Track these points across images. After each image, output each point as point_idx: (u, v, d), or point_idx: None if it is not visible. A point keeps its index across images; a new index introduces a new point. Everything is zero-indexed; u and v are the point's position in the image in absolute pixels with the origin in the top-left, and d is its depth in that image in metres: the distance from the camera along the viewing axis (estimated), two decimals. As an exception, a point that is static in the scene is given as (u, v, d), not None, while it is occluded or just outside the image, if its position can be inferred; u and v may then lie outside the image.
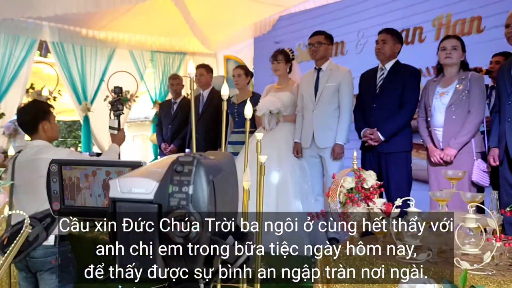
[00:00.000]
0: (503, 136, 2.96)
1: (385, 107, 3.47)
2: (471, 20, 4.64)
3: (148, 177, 0.39)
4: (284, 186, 3.90)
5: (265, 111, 3.96)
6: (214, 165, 0.41)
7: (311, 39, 3.85)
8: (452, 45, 3.15)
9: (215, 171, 0.41)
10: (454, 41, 3.17)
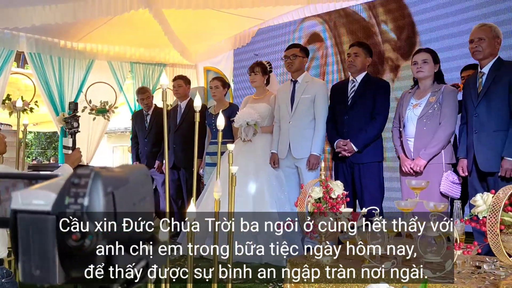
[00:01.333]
0: (471, 147, 3.05)
1: (357, 119, 3.55)
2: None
3: (49, 189, 0.41)
4: (261, 196, 3.94)
5: (242, 122, 4.01)
6: (117, 177, 0.44)
7: (287, 51, 3.93)
8: (423, 59, 3.24)
9: (117, 183, 0.43)
10: (424, 54, 3.26)
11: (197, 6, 5.03)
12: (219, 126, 2.41)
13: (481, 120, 2.99)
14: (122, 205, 0.43)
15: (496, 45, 3.01)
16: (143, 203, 0.47)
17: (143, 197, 0.46)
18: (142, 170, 0.48)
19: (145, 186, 0.48)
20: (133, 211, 0.44)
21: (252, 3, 5.13)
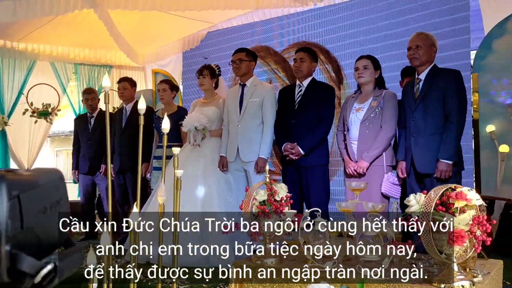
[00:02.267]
0: (409, 150, 3.19)
1: (304, 123, 3.62)
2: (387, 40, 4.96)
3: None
4: (209, 199, 3.93)
5: (190, 127, 3.99)
6: (24, 180, 0.43)
7: (233, 56, 3.95)
8: (363, 65, 3.37)
9: (24, 186, 0.43)
10: (364, 61, 3.39)
11: (144, 7, 4.96)
12: (164, 130, 2.39)
13: (418, 124, 3.13)
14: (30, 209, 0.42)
15: (432, 53, 3.17)
16: (57, 206, 0.46)
17: (57, 200, 0.46)
18: (55, 174, 0.48)
19: (59, 189, 0.48)
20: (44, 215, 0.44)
21: (200, 6, 5.12)
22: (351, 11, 5.12)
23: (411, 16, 4.64)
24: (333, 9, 5.29)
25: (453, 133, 2.99)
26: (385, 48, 4.77)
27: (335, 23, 5.24)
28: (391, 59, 4.65)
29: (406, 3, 4.71)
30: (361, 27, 5.01)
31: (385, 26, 4.84)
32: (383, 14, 4.85)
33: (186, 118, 4.02)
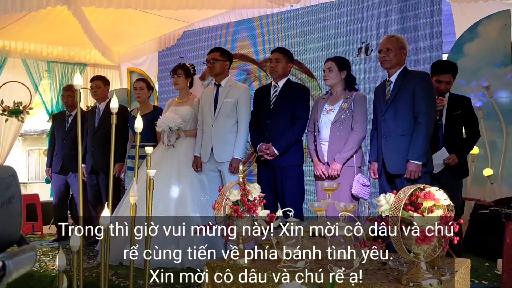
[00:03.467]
0: (380, 151, 3.24)
1: (279, 123, 3.63)
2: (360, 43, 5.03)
3: None
4: (183, 200, 3.91)
5: (164, 127, 3.95)
6: None
7: (208, 56, 3.94)
8: (327, 67, 3.43)
9: None
10: (328, 63, 3.44)
11: (119, 5, 4.90)
12: (137, 129, 2.37)
13: (388, 125, 3.18)
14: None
15: (402, 55, 3.22)
16: (9, 204, 0.45)
17: (9, 198, 0.45)
18: (5, 171, 0.47)
19: (10, 188, 0.46)
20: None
21: (176, 5, 5.09)
22: (327, 13, 5.17)
23: (384, 19, 4.71)
24: (309, 10, 5.33)
25: (422, 134, 3.04)
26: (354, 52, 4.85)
27: (311, 25, 5.28)
28: (363, 61, 4.73)
29: (380, 6, 4.78)
30: (336, 30, 5.07)
31: (359, 29, 4.91)
32: (357, 17, 4.92)
33: (160, 118, 3.98)
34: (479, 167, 4.30)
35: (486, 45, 4.43)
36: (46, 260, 3.99)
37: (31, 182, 10.72)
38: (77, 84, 2.17)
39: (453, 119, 3.63)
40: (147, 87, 4.39)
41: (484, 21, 4.43)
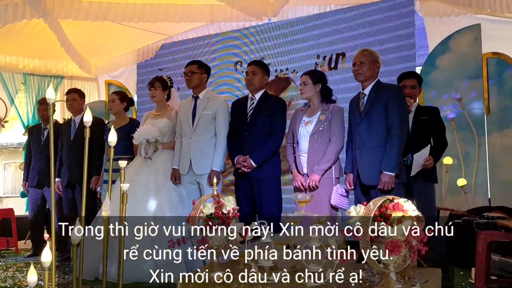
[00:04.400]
0: (355, 163, 3.28)
1: (256, 135, 3.64)
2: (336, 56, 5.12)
3: None
4: (161, 213, 3.88)
5: (141, 139, 3.94)
6: None
7: (185, 68, 3.95)
8: (302, 82, 3.49)
9: None
10: (303, 77, 3.52)
11: (96, 18, 4.89)
12: (110, 142, 2.36)
13: (363, 137, 3.23)
14: None
15: (375, 68, 3.29)
16: None
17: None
18: None
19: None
20: None
21: (155, 18, 5.11)
22: (303, 26, 5.25)
23: (358, 32, 4.81)
24: (287, 23, 5.40)
25: (395, 146, 3.09)
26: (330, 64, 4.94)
27: (287, 37, 5.35)
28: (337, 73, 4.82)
29: (354, 19, 4.88)
30: (312, 42, 5.15)
31: (334, 41, 5.01)
32: (333, 29, 5.01)
33: (137, 130, 3.96)
34: (453, 177, 4.38)
35: (458, 58, 4.55)
36: (20, 277, 3.91)
37: (7, 196, 10.51)
38: (50, 98, 2.16)
39: (420, 125, 3.60)
40: (120, 99, 4.36)
41: (456, 35, 4.55)
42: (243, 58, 5.58)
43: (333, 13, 5.11)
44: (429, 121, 3.62)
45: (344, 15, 4.99)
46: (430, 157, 3.55)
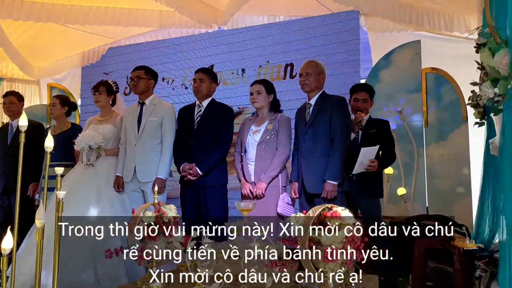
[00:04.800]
0: (300, 171, 3.34)
1: (203, 143, 3.62)
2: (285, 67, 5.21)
3: None
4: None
5: (84, 145, 3.81)
6: None
7: (132, 73, 3.88)
8: (256, 90, 3.51)
9: None
10: (257, 86, 3.53)
11: (39, 19, 4.71)
12: (46, 148, 2.26)
13: (308, 146, 3.30)
14: None
15: (321, 79, 3.39)
16: None
17: None
18: None
19: None
20: None
21: (100, 21, 4.98)
22: (253, 35, 5.31)
23: (306, 46, 4.94)
24: (236, 32, 5.44)
25: (338, 156, 3.18)
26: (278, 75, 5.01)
27: (236, 46, 5.38)
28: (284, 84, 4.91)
29: (302, 33, 5.00)
30: (260, 52, 5.21)
31: (282, 54, 5.10)
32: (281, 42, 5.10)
33: (79, 136, 3.84)
34: (394, 186, 4.54)
35: (399, 72, 4.74)
36: None
37: None
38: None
39: (369, 138, 3.56)
40: (61, 103, 4.21)
41: (398, 50, 4.75)
42: (191, 65, 5.55)
43: (282, 26, 5.19)
44: (378, 134, 3.58)
45: (292, 29, 5.10)
46: (376, 161, 3.45)
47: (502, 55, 2.06)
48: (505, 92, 2.11)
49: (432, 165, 4.60)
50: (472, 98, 2.86)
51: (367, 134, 3.60)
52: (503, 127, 2.22)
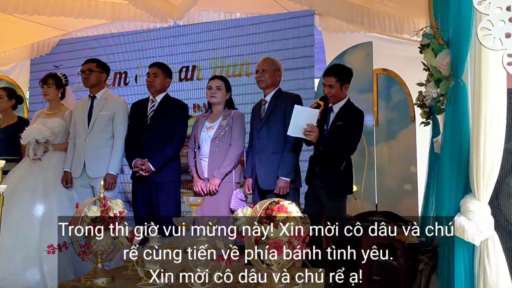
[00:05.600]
0: (254, 168, 3.36)
1: (156, 138, 3.57)
2: (241, 65, 5.22)
3: None
4: (50, 219, 3.63)
5: (30, 139, 3.68)
6: None
7: (83, 66, 3.78)
8: (217, 86, 3.48)
9: None
10: (218, 81, 3.50)
11: (-15, 8, 4.49)
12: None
13: (262, 143, 3.32)
14: None
15: (277, 77, 3.42)
16: None
17: None
18: None
19: None
20: None
21: (51, 11, 4.81)
22: (209, 32, 5.29)
23: (261, 43, 4.98)
24: (191, 28, 5.39)
25: (290, 153, 3.22)
26: (235, 70, 5.01)
27: (191, 42, 5.35)
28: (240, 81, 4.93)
29: (257, 30, 5.03)
30: (215, 49, 5.20)
31: (236, 50, 5.11)
32: (236, 39, 5.12)
33: (26, 129, 3.70)
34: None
35: (352, 72, 4.85)
36: None
37: None
38: None
39: (336, 130, 3.29)
40: (8, 96, 4.07)
41: (350, 50, 4.86)
42: (145, 59, 5.46)
43: (237, 23, 5.20)
44: (345, 126, 3.24)
45: (247, 26, 5.12)
46: (315, 128, 3.08)
47: (443, 56, 2.15)
48: (446, 92, 2.20)
49: (381, 163, 4.74)
50: (418, 98, 2.96)
51: (333, 127, 3.28)
52: (444, 125, 2.32)
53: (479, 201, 2.03)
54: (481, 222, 2.01)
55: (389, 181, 4.71)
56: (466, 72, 2.09)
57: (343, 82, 3.33)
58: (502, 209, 2.22)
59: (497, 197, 2.22)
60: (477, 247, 2.07)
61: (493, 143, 1.95)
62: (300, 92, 4.14)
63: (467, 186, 2.11)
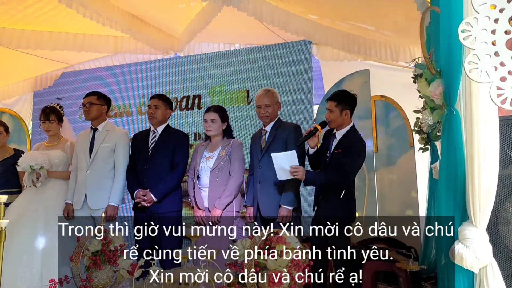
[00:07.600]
0: (256, 196, 3.38)
1: (157, 169, 3.60)
2: (241, 93, 5.30)
3: None
4: (52, 250, 3.63)
5: (25, 166, 3.71)
6: None
7: (84, 99, 3.83)
8: (211, 119, 3.52)
9: None
10: (212, 114, 3.52)
11: (-12, 43, 4.59)
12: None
13: (263, 172, 3.35)
14: None
15: (277, 108, 3.49)
16: None
17: None
18: None
19: None
20: None
21: (54, 45, 4.92)
22: (209, 63, 5.39)
23: (260, 73, 5.06)
24: (192, 59, 5.50)
25: (293, 181, 3.22)
26: (233, 101, 5.09)
27: (191, 73, 5.44)
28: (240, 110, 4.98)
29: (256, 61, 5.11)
30: (215, 79, 5.28)
31: (237, 80, 5.19)
32: (236, 69, 5.20)
33: (22, 156, 3.75)
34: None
35: (350, 99, 4.91)
36: None
37: None
38: None
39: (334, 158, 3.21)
40: (5, 131, 4.13)
41: (348, 78, 4.94)
42: (147, 92, 5.55)
43: (237, 54, 5.29)
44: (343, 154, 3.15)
45: (246, 57, 5.23)
46: (300, 167, 3.10)
47: (436, 86, 2.20)
48: (440, 120, 2.24)
49: (382, 188, 4.74)
50: (416, 124, 2.99)
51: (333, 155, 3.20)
52: (440, 153, 2.34)
53: (477, 228, 2.04)
54: (479, 249, 2.01)
55: (391, 207, 4.70)
56: (459, 101, 2.13)
57: (343, 107, 3.22)
58: (501, 235, 2.23)
59: (495, 223, 2.23)
60: (476, 275, 2.07)
61: (488, 170, 1.97)
62: (299, 118, 4.20)
63: (464, 213, 2.12)
